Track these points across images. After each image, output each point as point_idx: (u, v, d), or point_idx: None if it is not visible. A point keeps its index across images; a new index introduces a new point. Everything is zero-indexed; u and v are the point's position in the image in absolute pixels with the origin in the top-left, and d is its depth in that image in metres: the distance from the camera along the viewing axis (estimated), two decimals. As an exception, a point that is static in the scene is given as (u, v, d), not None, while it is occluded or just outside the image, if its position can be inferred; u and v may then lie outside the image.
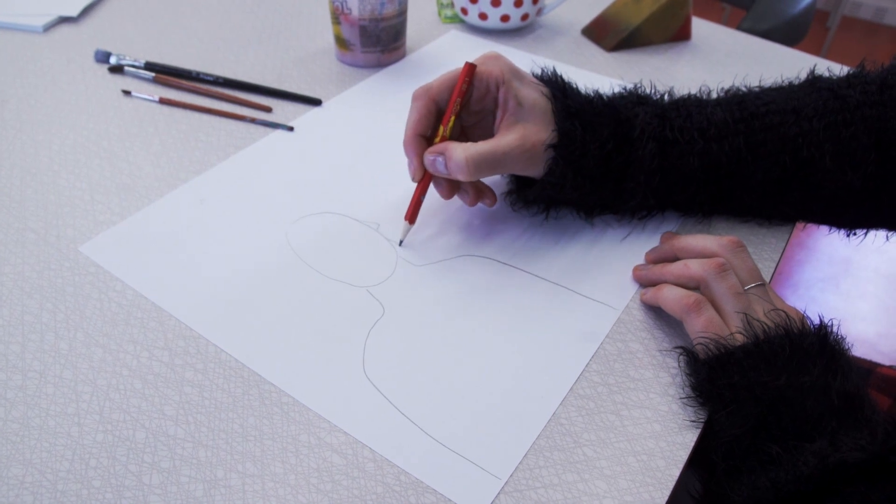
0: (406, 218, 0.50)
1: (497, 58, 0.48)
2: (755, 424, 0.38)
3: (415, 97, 0.48)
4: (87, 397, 0.40)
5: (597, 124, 0.47)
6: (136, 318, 0.45)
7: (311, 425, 0.40)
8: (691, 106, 0.50)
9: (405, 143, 0.49)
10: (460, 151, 0.46)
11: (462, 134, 0.52)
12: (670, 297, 0.44)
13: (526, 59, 0.74)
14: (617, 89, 0.52)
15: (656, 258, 0.49)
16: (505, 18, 0.77)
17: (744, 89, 0.52)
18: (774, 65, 0.75)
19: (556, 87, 0.48)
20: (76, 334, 0.44)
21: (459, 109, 0.48)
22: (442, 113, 0.49)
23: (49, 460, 0.37)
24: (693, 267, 0.44)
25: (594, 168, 0.47)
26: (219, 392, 0.41)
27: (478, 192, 0.51)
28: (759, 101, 0.49)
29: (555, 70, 0.50)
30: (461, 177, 0.46)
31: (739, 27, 1.09)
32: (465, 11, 0.78)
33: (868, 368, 0.60)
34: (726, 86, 0.53)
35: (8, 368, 0.42)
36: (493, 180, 0.55)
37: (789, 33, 1.15)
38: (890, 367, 0.59)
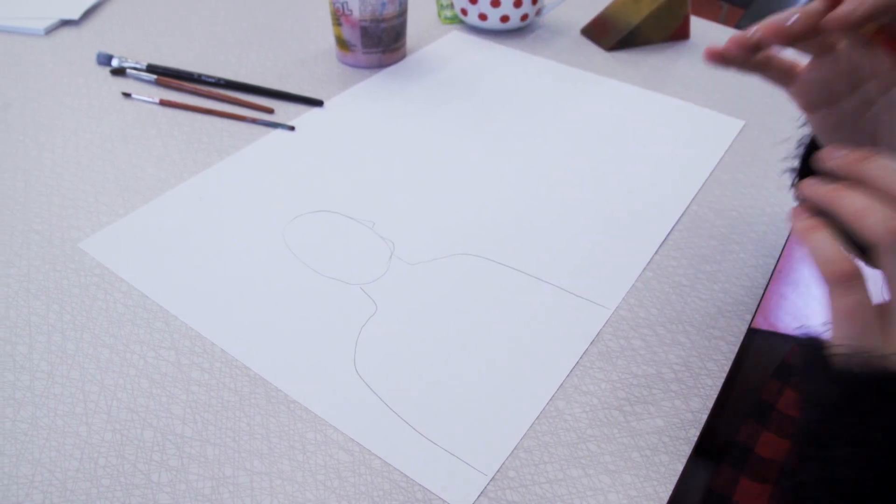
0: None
1: None
2: (881, 472, 0.28)
3: None
4: (95, 397, 0.41)
5: None
6: (141, 318, 0.45)
7: (318, 423, 0.40)
8: None
9: None
10: None
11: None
12: (824, 249, 0.30)
13: (526, 60, 0.75)
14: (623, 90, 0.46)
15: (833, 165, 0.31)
16: (504, 19, 0.77)
17: None
18: (773, 63, 0.75)
19: None
20: (83, 335, 0.44)
21: None
22: None
23: (58, 459, 0.38)
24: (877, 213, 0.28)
25: None
26: (225, 391, 0.41)
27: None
28: None
29: None
30: None
31: (737, 26, 1.09)
32: (464, 12, 0.79)
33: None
34: (724, 84, 0.53)
35: (16, 369, 0.42)
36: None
37: (787, 32, 1.15)
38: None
